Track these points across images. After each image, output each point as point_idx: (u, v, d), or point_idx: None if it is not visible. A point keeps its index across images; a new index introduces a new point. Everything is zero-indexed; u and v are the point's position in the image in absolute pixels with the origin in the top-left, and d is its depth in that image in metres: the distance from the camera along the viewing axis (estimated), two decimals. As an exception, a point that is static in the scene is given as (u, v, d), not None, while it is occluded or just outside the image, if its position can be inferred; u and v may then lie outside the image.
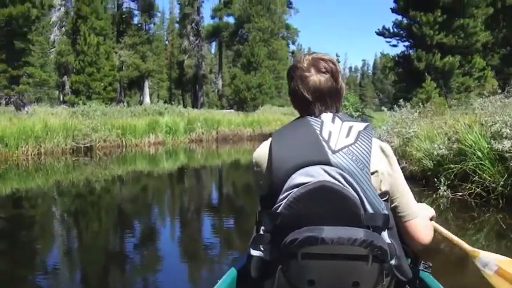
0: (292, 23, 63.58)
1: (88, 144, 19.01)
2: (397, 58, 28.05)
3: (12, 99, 25.12)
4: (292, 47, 67.61)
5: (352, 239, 1.59)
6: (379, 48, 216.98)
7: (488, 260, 2.22)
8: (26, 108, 24.31)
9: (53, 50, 48.85)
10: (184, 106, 42.77)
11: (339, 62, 2.04)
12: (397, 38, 27.83)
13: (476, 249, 2.28)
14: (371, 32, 68.13)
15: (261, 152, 1.92)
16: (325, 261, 1.63)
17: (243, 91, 42.84)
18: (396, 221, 1.86)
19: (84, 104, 25.88)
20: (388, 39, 27.90)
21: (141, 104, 37.03)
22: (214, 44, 67.74)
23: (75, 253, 6.63)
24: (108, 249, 6.86)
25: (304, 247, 1.61)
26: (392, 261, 1.73)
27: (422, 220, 1.96)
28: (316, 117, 1.85)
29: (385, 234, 1.73)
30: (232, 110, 40.43)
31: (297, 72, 1.89)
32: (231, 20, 56.59)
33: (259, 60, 44.58)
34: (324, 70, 1.86)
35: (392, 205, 1.87)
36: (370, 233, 1.63)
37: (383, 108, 14.45)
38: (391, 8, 27.33)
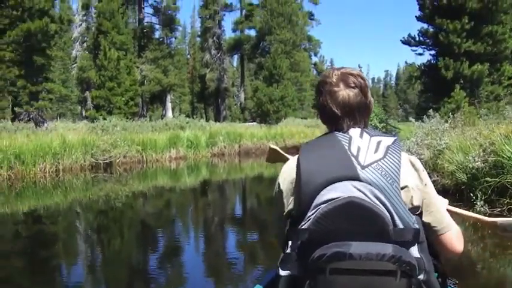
0: (314, 35, 62.64)
1: (107, 160, 18.57)
2: (423, 67, 27.34)
3: (31, 116, 24.91)
4: (314, 59, 66.89)
5: (380, 254, 1.57)
6: (402, 59, 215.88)
7: (508, 223, 2.28)
8: (45, 125, 24.09)
9: (74, 65, 49.25)
10: (207, 120, 42.77)
11: None
12: (423, 46, 27.14)
13: (493, 219, 2.34)
14: (393, 43, 67.87)
15: (289, 168, 1.93)
16: (353, 276, 1.60)
17: (265, 104, 42.40)
18: (427, 235, 1.82)
19: (104, 119, 25.59)
20: (414, 48, 27.25)
21: (162, 119, 36.81)
22: (236, 57, 67.96)
23: (98, 270, 6.65)
24: (130, 266, 6.85)
25: (332, 262, 1.59)
26: (421, 276, 1.66)
27: (455, 231, 1.94)
28: (344, 132, 1.83)
29: (415, 248, 1.69)
30: (255, 123, 40.09)
31: (326, 87, 1.88)
32: (252, 33, 56.69)
33: (281, 72, 44.06)
34: (353, 85, 1.85)
35: (426, 220, 1.85)
36: (398, 248, 1.60)
37: (410, 119, 13.90)
38: (416, 16, 26.72)
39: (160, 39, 50.31)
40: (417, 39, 26.94)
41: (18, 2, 24.33)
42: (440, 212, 1.90)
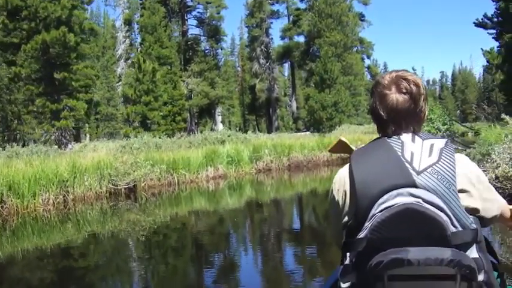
0: (366, 37, 59.35)
1: (130, 185, 15.90)
2: (504, 52, 22.91)
3: (52, 137, 22.71)
4: (367, 62, 63.61)
5: (439, 259, 1.56)
6: (458, 59, 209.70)
7: None
8: (70, 146, 22.05)
9: (119, 83, 48.36)
10: (259, 131, 40.94)
11: None
12: (502, 28, 22.63)
13: None
14: (447, 43, 64.14)
15: (341, 178, 1.89)
16: (412, 282, 1.59)
17: (317, 111, 39.95)
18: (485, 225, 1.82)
19: (135, 136, 23.40)
20: (491, 31, 23.30)
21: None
22: (286, 65, 66.13)
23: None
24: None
25: (390, 269, 1.58)
26: (481, 277, 1.64)
27: (506, 208, 1.96)
28: (395, 137, 1.79)
29: (473, 248, 1.67)
30: (308, 132, 37.83)
31: (378, 89, 1.85)
32: (301, 39, 54.95)
33: (333, 76, 41.34)
34: (404, 90, 1.81)
35: (483, 215, 1.79)
36: (457, 252, 1.59)
37: (503, 115, 11.14)
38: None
39: (206, 51, 49.13)
40: (495, 19, 23.07)
41: (31, 12, 22.25)
42: (495, 203, 1.85)
